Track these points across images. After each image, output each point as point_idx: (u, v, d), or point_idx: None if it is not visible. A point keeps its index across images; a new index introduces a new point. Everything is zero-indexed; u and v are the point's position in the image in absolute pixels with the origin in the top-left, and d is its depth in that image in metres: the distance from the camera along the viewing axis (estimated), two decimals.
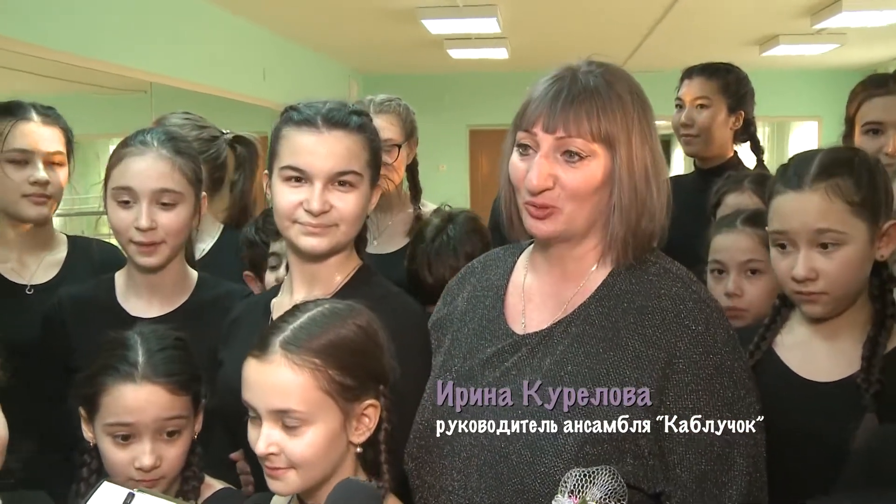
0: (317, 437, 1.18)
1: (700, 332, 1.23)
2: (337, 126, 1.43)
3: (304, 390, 1.17)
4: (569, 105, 1.24)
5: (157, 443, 1.36)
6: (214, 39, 5.44)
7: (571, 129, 1.24)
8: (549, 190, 1.25)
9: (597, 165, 1.25)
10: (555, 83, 1.27)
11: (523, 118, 1.28)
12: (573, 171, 1.25)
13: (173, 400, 1.38)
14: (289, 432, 1.18)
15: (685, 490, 1.21)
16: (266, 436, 1.18)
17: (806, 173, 1.43)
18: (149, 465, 1.35)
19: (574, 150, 1.24)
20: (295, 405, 1.17)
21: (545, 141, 1.25)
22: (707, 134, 2.58)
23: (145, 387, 1.36)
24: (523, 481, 1.20)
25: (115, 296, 1.78)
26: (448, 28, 6.14)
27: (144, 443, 1.35)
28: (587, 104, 1.24)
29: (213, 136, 2.33)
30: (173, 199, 1.69)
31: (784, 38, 6.92)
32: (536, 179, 1.24)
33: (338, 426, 1.20)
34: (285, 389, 1.17)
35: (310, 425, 1.18)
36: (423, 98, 8.13)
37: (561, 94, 1.25)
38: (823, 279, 1.41)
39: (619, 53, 7.74)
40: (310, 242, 1.44)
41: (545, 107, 1.25)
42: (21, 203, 1.97)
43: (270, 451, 1.18)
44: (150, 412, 1.36)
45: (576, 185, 1.25)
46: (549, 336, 1.29)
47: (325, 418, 1.19)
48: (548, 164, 1.25)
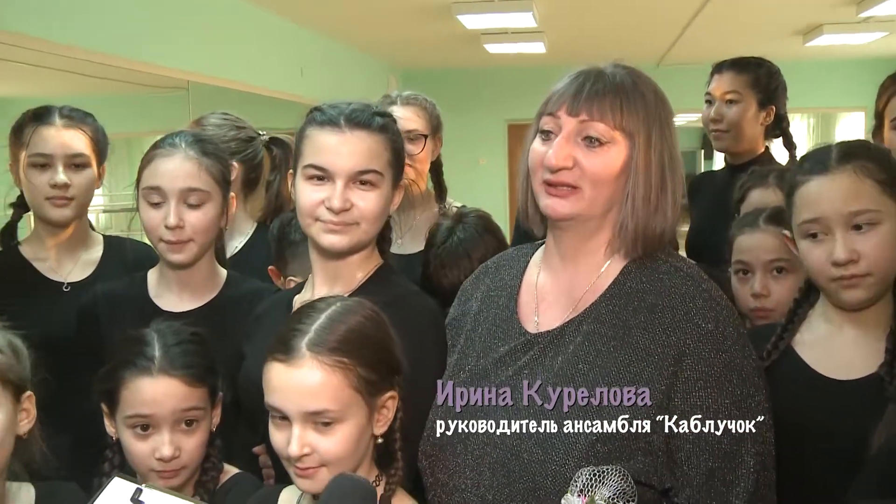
0: (348, 433, 1.21)
1: (710, 329, 1.24)
2: (359, 126, 1.47)
3: (337, 390, 1.20)
4: (594, 95, 1.28)
5: (175, 433, 1.41)
6: (252, 38, 5.50)
7: (595, 113, 1.27)
8: (567, 170, 1.27)
9: (616, 153, 1.27)
10: (579, 76, 1.31)
11: (547, 105, 1.32)
12: (593, 155, 1.27)
13: (190, 391, 1.43)
14: (321, 432, 1.21)
15: (693, 487, 1.22)
16: (299, 437, 1.20)
17: (828, 158, 1.43)
18: (168, 455, 1.39)
19: (595, 135, 1.27)
20: (328, 405, 1.20)
21: (568, 123, 1.28)
22: (737, 129, 2.55)
23: (162, 379, 1.41)
24: (534, 479, 1.22)
25: (147, 292, 1.84)
26: (483, 23, 6.13)
27: (163, 434, 1.40)
28: (611, 95, 1.28)
29: (251, 136, 2.38)
30: (200, 199, 1.74)
31: (828, 27, 6.75)
32: (555, 158, 1.27)
33: (364, 421, 1.24)
34: (318, 391, 1.20)
35: (342, 423, 1.21)
36: (461, 93, 8.19)
37: (587, 84, 1.29)
38: (865, 260, 1.39)
39: (658, 46, 7.65)
40: (330, 240, 1.47)
41: (571, 93, 1.29)
42: (44, 205, 2.05)
43: (304, 453, 1.20)
44: (168, 404, 1.41)
45: (596, 169, 1.27)
46: (560, 335, 1.31)
47: (355, 415, 1.22)
48: (568, 146, 1.28)
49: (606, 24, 6.49)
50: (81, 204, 2.10)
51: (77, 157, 2.06)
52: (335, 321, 1.25)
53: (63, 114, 2.07)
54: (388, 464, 1.29)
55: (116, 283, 1.90)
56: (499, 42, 6.94)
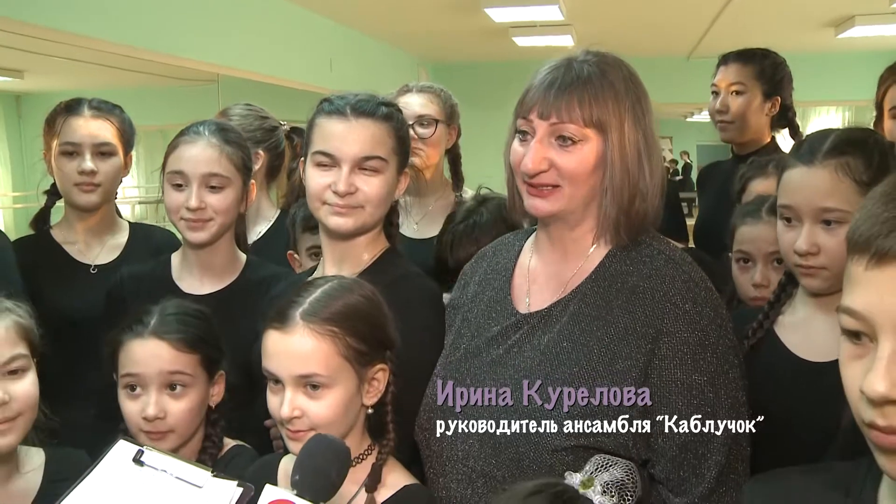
0: (337, 399, 1.29)
1: (687, 309, 1.29)
2: (364, 115, 1.56)
3: (326, 356, 1.28)
4: (561, 93, 1.31)
5: (161, 395, 1.49)
6: (282, 32, 5.59)
7: (564, 115, 1.31)
8: (544, 172, 1.33)
9: (589, 149, 1.32)
10: (550, 73, 1.35)
11: (521, 106, 1.37)
12: (567, 154, 1.32)
13: (176, 355, 1.50)
14: (311, 396, 1.29)
15: (667, 459, 1.28)
16: (290, 400, 1.28)
17: (818, 150, 1.45)
18: (152, 415, 1.47)
19: (567, 135, 1.32)
20: (318, 369, 1.28)
21: (540, 127, 1.33)
22: (742, 120, 2.59)
23: (151, 341, 1.50)
24: (518, 450, 1.29)
25: (170, 274, 1.94)
26: (511, 16, 6.16)
27: (150, 394, 1.49)
28: (579, 92, 1.31)
29: (273, 126, 2.49)
30: (221, 183, 1.84)
31: (861, 18, 6.65)
32: (531, 163, 1.33)
33: (354, 389, 1.31)
34: (308, 356, 1.28)
35: (330, 389, 1.29)
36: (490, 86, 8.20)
37: (555, 83, 1.33)
38: (824, 254, 1.43)
39: (687, 39, 7.60)
40: (336, 221, 1.56)
41: (540, 95, 1.33)
42: (73, 191, 2.18)
43: (294, 415, 1.28)
44: (153, 364, 1.49)
45: (570, 167, 1.32)
46: (548, 315, 1.37)
47: (344, 382, 1.30)
48: (542, 149, 1.33)
49: (635, 16, 6.47)
50: (107, 190, 2.22)
51: (104, 145, 2.18)
52: (329, 295, 1.33)
53: (92, 105, 2.19)
54: (380, 435, 1.37)
55: (142, 266, 2.00)
56: (527, 35, 6.94)
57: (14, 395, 1.40)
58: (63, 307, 2.06)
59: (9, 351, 1.41)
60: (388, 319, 1.36)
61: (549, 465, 1.26)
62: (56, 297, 2.08)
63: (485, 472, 1.32)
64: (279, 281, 1.88)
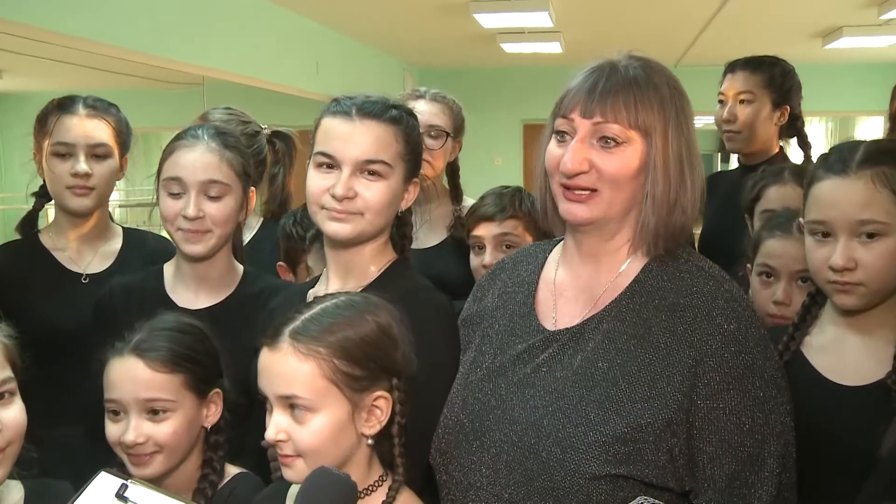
0: (322, 425, 1.20)
1: (731, 330, 1.22)
2: (369, 116, 1.47)
3: (309, 378, 1.20)
4: (606, 93, 1.25)
5: (140, 420, 1.39)
6: (268, 35, 5.53)
7: (608, 115, 1.24)
8: (584, 174, 1.26)
9: (633, 152, 1.26)
10: (593, 73, 1.29)
11: (561, 106, 1.30)
12: (610, 156, 1.26)
13: (153, 376, 1.39)
14: (296, 420, 1.21)
15: (715, 490, 1.20)
16: (275, 423, 1.21)
17: (851, 160, 1.39)
18: (130, 441, 1.37)
19: (610, 135, 1.25)
20: (299, 392, 1.20)
21: (582, 126, 1.26)
22: (750, 130, 2.52)
23: (129, 360, 1.40)
24: (552, 478, 1.21)
25: (163, 286, 1.82)
26: (500, 22, 6.13)
27: (130, 418, 1.39)
28: (625, 93, 1.25)
29: (255, 131, 2.37)
30: (220, 191, 1.73)
31: (848, 29, 6.71)
32: (571, 163, 1.25)
33: (344, 416, 1.22)
34: (290, 376, 1.21)
35: (315, 413, 1.20)
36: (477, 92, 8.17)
37: (599, 83, 1.26)
38: (862, 270, 1.37)
39: (676, 47, 7.62)
40: (333, 227, 1.47)
41: (583, 94, 1.27)
42: (65, 194, 2.05)
43: (279, 438, 1.21)
44: (129, 388, 1.39)
45: (613, 170, 1.25)
46: (580, 332, 1.30)
47: (331, 407, 1.21)
48: (584, 149, 1.26)
49: (623, 24, 6.47)
50: (102, 194, 2.09)
51: (99, 146, 2.06)
52: (326, 314, 1.25)
53: (87, 103, 2.07)
54: (390, 468, 1.28)
55: (133, 277, 1.89)
56: (515, 41, 6.94)
57: (4, 424, 1.26)
58: (52, 319, 1.94)
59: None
60: (397, 346, 1.26)
61: (587, 495, 1.18)
62: (44, 309, 1.96)
63: (513, 500, 1.23)
64: (277, 293, 1.80)
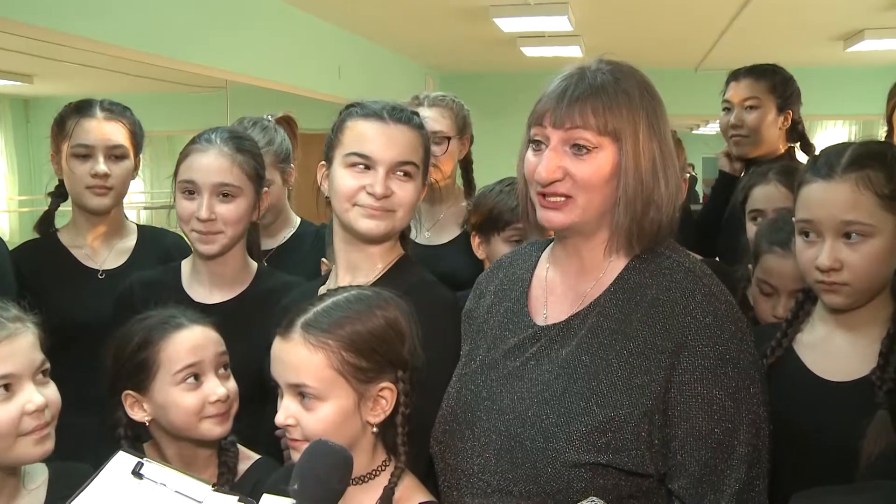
0: (329, 413, 1.27)
1: (708, 323, 1.27)
2: (401, 121, 1.56)
3: (318, 368, 1.27)
4: (575, 101, 1.29)
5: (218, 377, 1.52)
6: (291, 39, 5.60)
7: (578, 122, 1.29)
8: (559, 182, 1.31)
9: (604, 157, 1.30)
10: (563, 81, 1.33)
11: (534, 114, 1.35)
12: (582, 163, 1.30)
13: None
14: (305, 407, 1.28)
15: (686, 476, 1.25)
16: (285, 408, 1.28)
17: (837, 163, 1.43)
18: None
19: (582, 143, 1.30)
20: (308, 381, 1.27)
21: (554, 135, 1.31)
22: (757, 134, 2.63)
23: (197, 328, 1.53)
24: (535, 465, 1.26)
25: (180, 282, 1.92)
26: (519, 26, 6.17)
27: (210, 378, 1.51)
28: (593, 100, 1.29)
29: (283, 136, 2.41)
30: (232, 193, 1.82)
31: (870, 32, 6.66)
32: (545, 172, 1.31)
33: (351, 405, 1.28)
34: (300, 366, 1.27)
35: (322, 401, 1.27)
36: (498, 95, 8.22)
37: (568, 91, 1.31)
38: (847, 270, 1.41)
39: (696, 51, 7.60)
40: (368, 224, 1.54)
41: (553, 103, 1.31)
42: (85, 194, 2.15)
43: (288, 423, 1.28)
44: (210, 348, 1.52)
45: (585, 176, 1.30)
46: (566, 327, 1.35)
47: (338, 396, 1.27)
48: (557, 157, 1.31)
49: (643, 28, 6.48)
50: (119, 193, 2.20)
51: (117, 148, 2.16)
52: (337, 307, 1.31)
53: (104, 107, 2.17)
54: (393, 455, 1.34)
55: (151, 272, 1.98)
56: (535, 45, 6.96)
57: (51, 400, 1.38)
58: (70, 313, 2.03)
59: (40, 355, 1.39)
60: (404, 340, 1.33)
61: (567, 482, 1.24)
62: (63, 303, 2.05)
63: (500, 487, 1.29)
64: (290, 290, 1.86)
